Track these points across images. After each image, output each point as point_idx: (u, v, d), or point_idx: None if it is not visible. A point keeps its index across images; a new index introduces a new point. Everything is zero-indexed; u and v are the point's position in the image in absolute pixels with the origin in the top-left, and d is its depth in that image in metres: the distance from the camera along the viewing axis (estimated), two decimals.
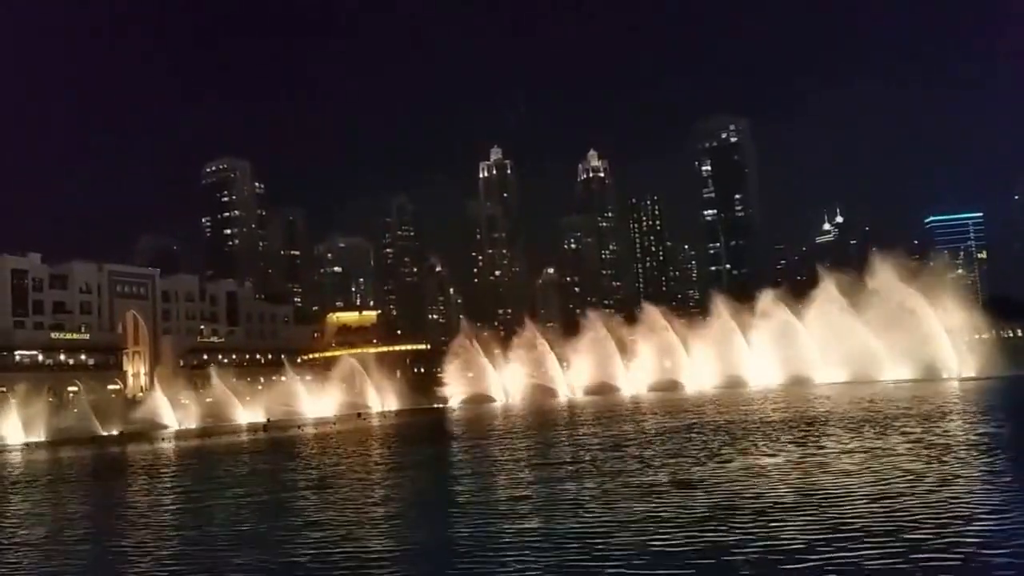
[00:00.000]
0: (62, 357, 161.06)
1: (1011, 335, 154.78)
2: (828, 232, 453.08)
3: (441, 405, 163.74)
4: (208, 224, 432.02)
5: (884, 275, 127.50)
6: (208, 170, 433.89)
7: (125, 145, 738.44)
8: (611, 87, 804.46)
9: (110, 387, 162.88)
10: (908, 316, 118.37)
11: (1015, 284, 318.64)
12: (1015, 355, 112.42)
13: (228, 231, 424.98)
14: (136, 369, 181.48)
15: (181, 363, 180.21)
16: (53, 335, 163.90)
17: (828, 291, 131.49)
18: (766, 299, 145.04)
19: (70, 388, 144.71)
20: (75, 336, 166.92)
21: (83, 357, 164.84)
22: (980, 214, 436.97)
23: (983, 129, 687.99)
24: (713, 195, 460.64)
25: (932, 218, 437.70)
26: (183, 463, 63.61)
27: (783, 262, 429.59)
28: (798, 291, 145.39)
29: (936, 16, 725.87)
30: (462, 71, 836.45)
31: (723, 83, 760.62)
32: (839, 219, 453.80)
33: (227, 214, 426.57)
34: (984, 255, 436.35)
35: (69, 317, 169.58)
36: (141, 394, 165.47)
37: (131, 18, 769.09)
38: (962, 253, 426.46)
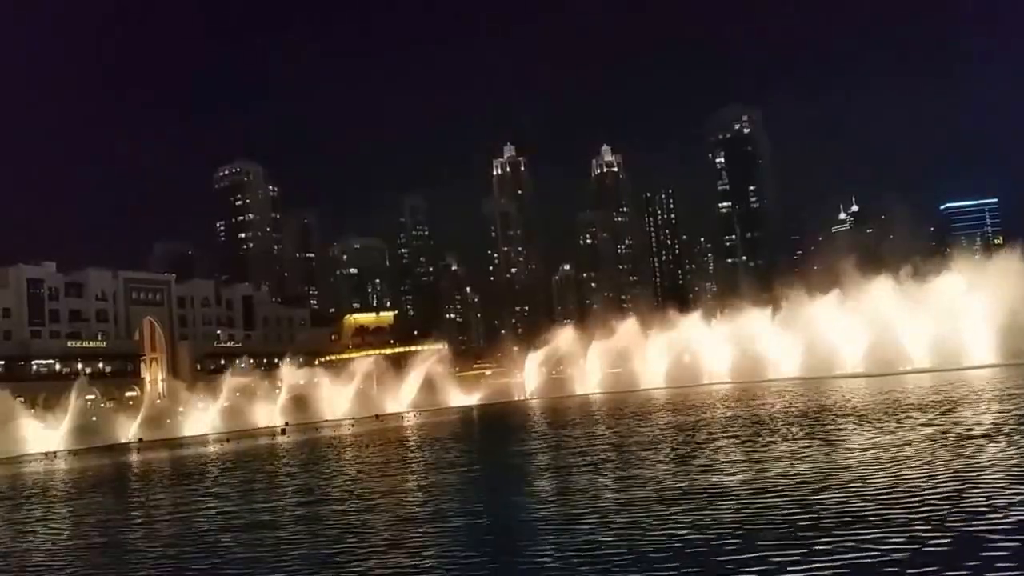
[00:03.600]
0: (79, 365, 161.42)
1: None
2: (844, 221, 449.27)
3: (461, 404, 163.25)
4: (222, 228, 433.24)
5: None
6: (221, 174, 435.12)
7: (137, 151, 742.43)
8: (622, 81, 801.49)
9: (128, 394, 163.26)
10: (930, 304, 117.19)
11: None
12: None
13: (243, 235, 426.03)
14: (154, 376, 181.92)
15: (199, 368, 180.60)
16: (70, 344, 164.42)
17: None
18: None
19: (88, 396, 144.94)
20: (92, 344, 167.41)
21: (100, 365, 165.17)
22: (996, 200, 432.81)
23: (998, 114, 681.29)
24: (727, 187, 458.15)
25: (948, 204, 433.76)
26: (209, 469, 63.04)
27: (799, 253, 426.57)
28: (816, 282, 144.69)
29: (949, 3, 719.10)
30: (473, 69, 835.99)
31: (735, 74, 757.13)
32: (855, 208, 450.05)
33: (241, 218, 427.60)
34: (1001, 240, 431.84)
35: (85, 325, 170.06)
36: (159, 401, 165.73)
37: (142, 21, 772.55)
38: (979, 239, 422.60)
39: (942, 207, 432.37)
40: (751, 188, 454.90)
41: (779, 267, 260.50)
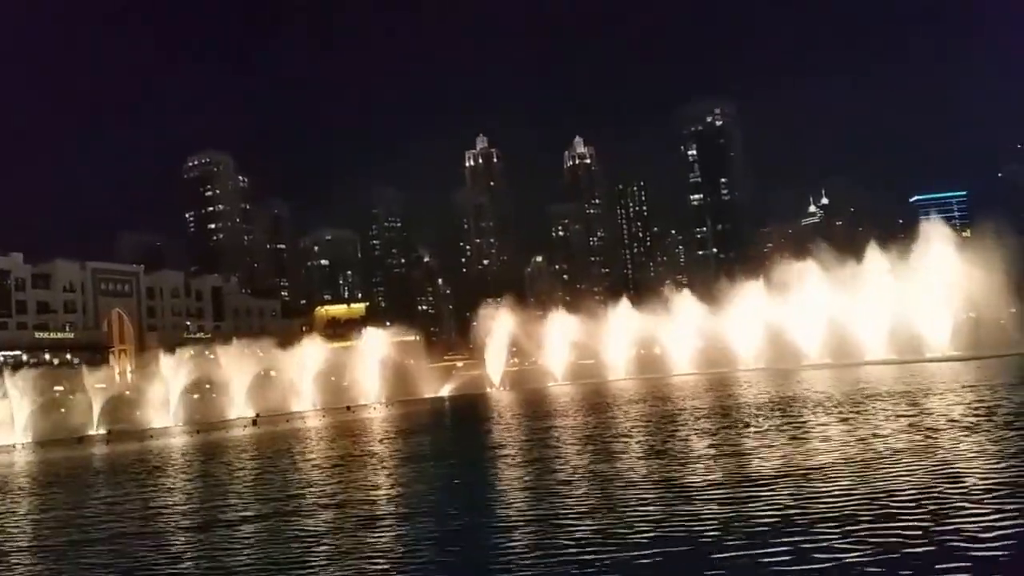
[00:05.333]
0: (47, 357, 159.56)
1: None
2: (814, 214, 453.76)
3: (433, 396, 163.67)
4: (192, 219, 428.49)
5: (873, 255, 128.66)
6: (190, 164, 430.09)
7: (105, 140, 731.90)
8: (595, 72, 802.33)
9: (96, 386, 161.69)
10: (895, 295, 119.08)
11: None
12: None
13: (212, 226, 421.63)
14: (122, 367, 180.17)
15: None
16: (37, 335, 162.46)
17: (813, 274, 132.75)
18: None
19: (56, 388, 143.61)
20: (60, 335, 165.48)
21: (68, 356, 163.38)
22: (964, 192, 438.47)
23: (967, 108, 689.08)
24: (699, 179, 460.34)
25: (917, 197, 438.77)
26: (181, 461, 62.75)
27: (769, 245, 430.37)
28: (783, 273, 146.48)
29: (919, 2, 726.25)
30: (445, 60, 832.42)
31: (707, 67, 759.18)
32: (824, 200, 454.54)
33: (211, 208, 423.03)
34: (969, 233, 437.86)
35: (53, 316, 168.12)
36: (128, 393, 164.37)
37: (110, 10, 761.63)
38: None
39: (911, 199, 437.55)
40: (722, 180, 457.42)
41: (749, 259, 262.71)
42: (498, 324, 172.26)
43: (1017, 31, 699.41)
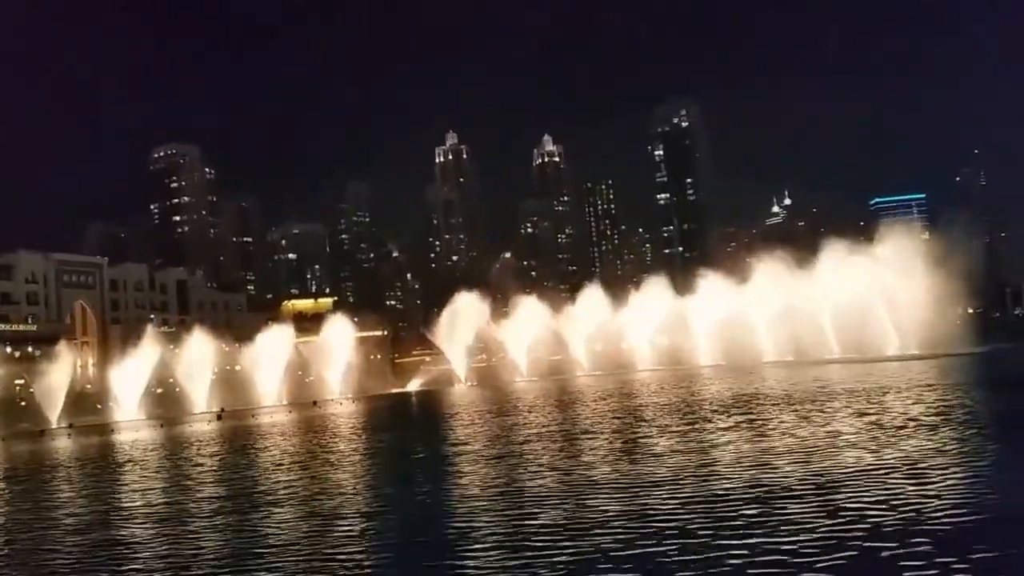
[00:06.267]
0: (8, 349, 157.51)
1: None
2: (777, 214, 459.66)
3: (401, 391, 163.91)
4: (157, 211, 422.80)
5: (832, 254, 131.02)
6: (156, 155, 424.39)
7: (70, 130, 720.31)
8: (566, 71, 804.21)
9: (59, 379, 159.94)
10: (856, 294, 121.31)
11: None
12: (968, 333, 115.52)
13: (178, 218, 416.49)
14: (85, 360, 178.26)
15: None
16: None
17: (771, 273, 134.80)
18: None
19: (17, 381, 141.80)
20: (22, 327, 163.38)
21: (30, 349, 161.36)
22: (923, 195, 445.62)
23: (927, 114, 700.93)
24: (666, 179, 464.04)
25: (877, 199, 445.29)
26: (144, 456, 62.58)
27: (733, 244, 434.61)
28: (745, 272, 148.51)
29: (881, 6, 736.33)
30: (417, 56, 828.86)
31: (676, 68, 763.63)
32: (787, 201, 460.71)
33: (176, 200, 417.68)
34: (927, 235, 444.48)
35: (15, 308, 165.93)
36: (90, 386, 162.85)
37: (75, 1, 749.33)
38: None
39: (871, 201, 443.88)
40: (688, 181, 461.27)
41: (713, 258, 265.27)
42: (465, 320, 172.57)
43: (983, 38, 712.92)
